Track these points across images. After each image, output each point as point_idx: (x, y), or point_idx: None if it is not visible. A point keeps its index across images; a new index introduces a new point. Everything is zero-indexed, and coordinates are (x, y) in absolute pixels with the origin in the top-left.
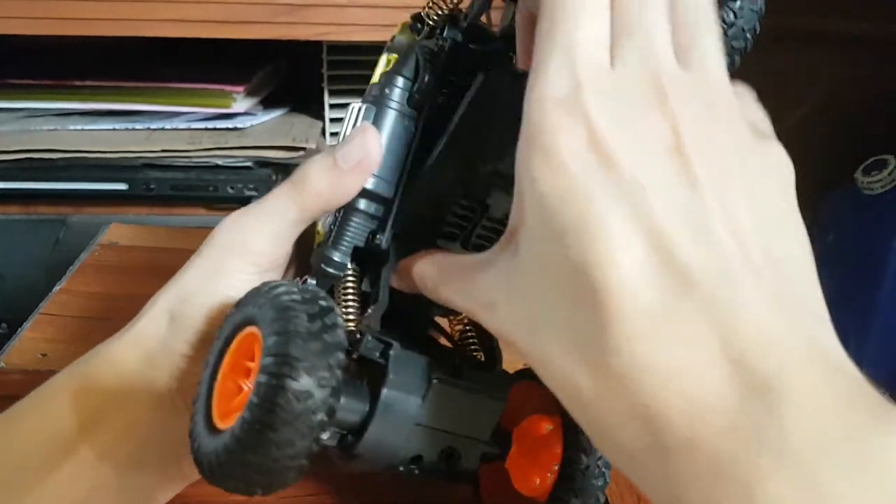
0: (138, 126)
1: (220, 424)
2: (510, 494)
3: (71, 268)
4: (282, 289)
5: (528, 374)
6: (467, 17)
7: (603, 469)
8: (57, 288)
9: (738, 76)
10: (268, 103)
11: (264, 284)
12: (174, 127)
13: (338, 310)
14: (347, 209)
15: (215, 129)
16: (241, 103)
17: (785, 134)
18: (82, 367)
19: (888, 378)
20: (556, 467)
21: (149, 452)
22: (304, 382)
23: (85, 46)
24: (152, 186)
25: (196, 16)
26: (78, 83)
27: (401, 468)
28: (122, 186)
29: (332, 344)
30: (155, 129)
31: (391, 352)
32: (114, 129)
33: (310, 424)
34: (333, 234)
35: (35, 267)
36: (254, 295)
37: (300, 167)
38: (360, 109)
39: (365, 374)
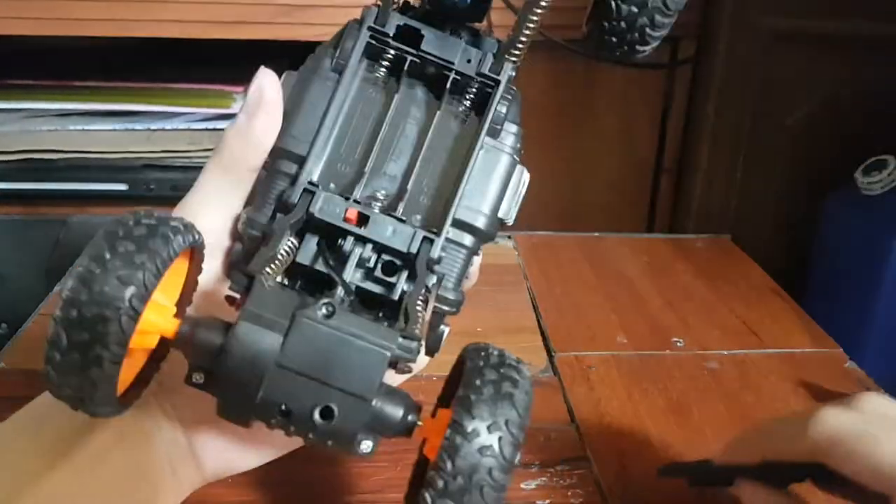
0: (138, 126)
1: None
2: None
3: (71, 268)
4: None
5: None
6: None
7: (494, 449)
8: (57, 288)
9: (740, 78)
10: None
11: None
12: (174, 127)
13: (185, 229)
14: (268, 171)
15: (215, 129)
16: (240, 103)
17: (785, 134)
18: None
19: (888, 378)
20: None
21: (140, 458)
22: (104, 277)
23: (85, 47)
24: (152, 187)
25: (196, 16)
26: (78, 83)
27: (272, 421)
28: (123, 187)
29: (152, 249)
30: (155, 130)
31: (255, 285)
32: (114, 130)
33: (106, 319)
34: (256, 197)
35: (35, 267)
36: None
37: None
38: (283, 76)
39: None
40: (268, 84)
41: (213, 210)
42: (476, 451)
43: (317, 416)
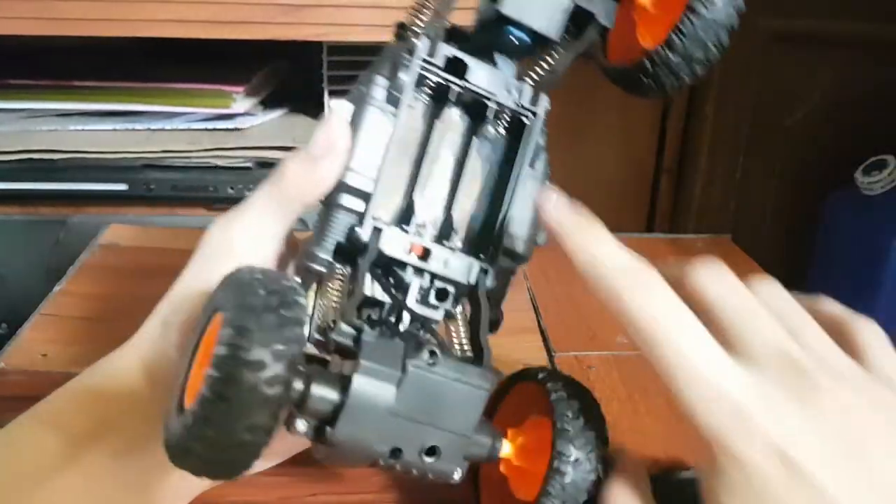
0: (138, 126)
1: (186, 405)
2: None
3: (71, 268)
4: (245, 270)
5: (525, 376)
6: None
7: (591, 471)
8: (57, 288)
9: (739, 78)
10: (268, 103)
11: (235, 270)
12: (174, 127)
13: (300, 290)
14: (328, 205)
15: (215, 129)
16: (240, 103)
17: (785, 134)
18: (87, 379)
19: None
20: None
21: (148, 463)
22: (256, 353)
23: (85, 46)
24: (152, 187)
25: (196, 16)
26: (78, 83)
27: (381, 462)
28: (122, 187)
29: (289, 318)
30: (155, 130)
31: (363, 337)
32: (114, 130)
33: (265, 397)
34: (316, 230)
35: (35, 267)
36: (223, 281)
37: (278, 164)
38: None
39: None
40: (340, 130)
41: (252, 234)
42: (581, 475)
43: (424, 455)
